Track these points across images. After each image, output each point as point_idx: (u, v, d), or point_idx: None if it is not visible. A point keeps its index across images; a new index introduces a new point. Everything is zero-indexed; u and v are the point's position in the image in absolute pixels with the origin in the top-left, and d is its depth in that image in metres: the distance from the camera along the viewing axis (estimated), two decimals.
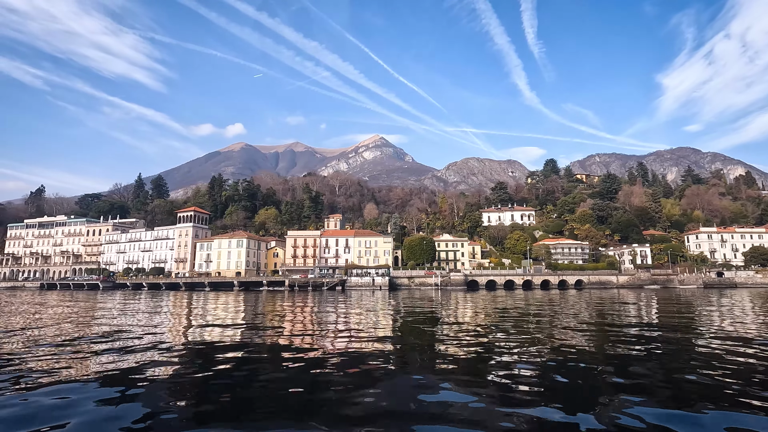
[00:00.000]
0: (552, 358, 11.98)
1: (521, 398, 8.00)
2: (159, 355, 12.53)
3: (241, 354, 13.20)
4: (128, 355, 12.45)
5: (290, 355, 12.69)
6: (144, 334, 17.53)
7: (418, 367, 11.13)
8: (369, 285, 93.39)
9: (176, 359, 12.12)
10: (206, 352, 13.59)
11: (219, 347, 14.46)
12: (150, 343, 14.80)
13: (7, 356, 12.11)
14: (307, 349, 13.79)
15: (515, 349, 13.55)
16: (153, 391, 8.58)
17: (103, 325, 20.70)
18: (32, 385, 8.80)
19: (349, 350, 13.65)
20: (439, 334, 17.66)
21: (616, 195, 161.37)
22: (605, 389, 8.80)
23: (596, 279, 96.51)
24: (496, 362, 11.64)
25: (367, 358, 12.10)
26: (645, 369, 10.59)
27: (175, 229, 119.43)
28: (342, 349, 13.72)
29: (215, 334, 18.12)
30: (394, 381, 9.57)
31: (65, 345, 14.32)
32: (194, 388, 8.97)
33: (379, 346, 14.66)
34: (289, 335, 17.50)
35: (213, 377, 9.95)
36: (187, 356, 12.65)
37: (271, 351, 13.72)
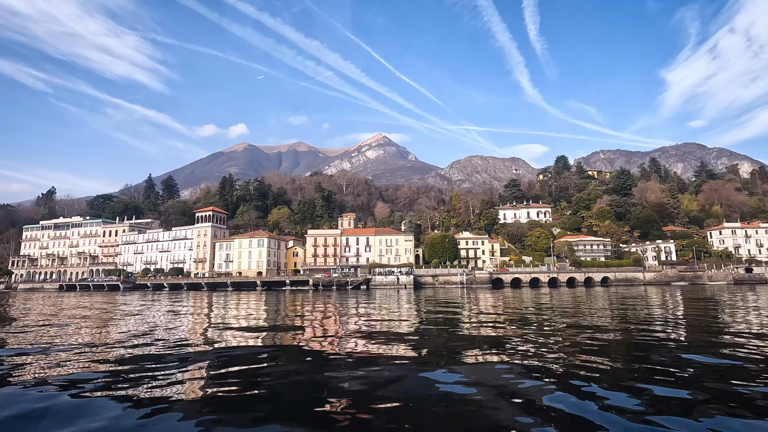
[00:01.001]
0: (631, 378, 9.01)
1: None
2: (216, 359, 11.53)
3: (290, 357, 12.05)
4: (186, 361, 11.40)
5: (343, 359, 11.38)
6: (195, 335, 16.79)
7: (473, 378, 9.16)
8: (393, 284, 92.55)
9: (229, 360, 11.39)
10: (251, 355, 12.34)
11: (268, 351, 13.16)
12: (203, 344, 14.18)
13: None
14: (368, 356, 12.05)
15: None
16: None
17: (158, 329, 18.74)
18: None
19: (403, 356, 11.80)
20: (492, 339, 15.06)
21: (630, 191, 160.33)
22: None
23: (622, 276, 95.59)
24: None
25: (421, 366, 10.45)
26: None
27: (193, 229, 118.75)
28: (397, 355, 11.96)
29: (264, 336, 16.52)
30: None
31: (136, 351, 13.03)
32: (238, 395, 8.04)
33: (428, 353, 12.58)
34: (337, 339, 15.24)
35: (255, 385, 8.67)
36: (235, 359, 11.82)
37: (326, 355, 12.27)
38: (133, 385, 8.28)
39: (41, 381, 8.67)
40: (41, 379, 8.80)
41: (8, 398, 7.48)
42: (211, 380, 8.96)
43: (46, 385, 8.28)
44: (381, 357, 11.37)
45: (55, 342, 14.55)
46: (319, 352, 12.60)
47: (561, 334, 15.79)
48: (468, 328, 18.00)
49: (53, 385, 8.29)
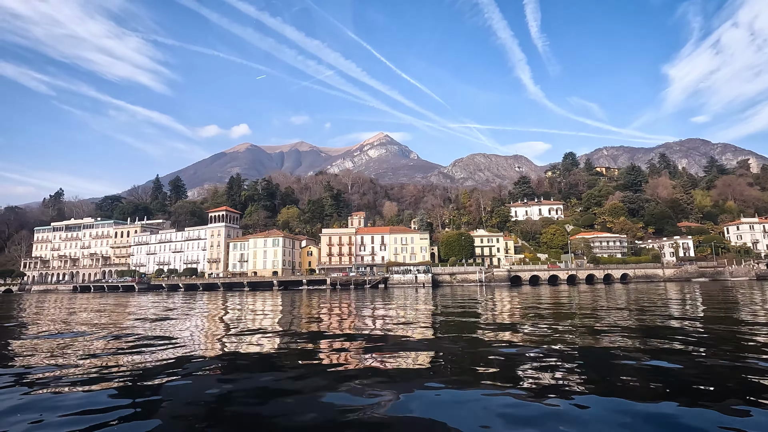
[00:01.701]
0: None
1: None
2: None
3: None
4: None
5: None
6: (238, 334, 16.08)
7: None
8: (411, 282, 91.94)
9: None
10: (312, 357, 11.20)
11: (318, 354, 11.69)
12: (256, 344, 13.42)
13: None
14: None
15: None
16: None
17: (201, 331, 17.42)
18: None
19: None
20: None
21: (641, 187, 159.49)
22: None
23: (642, 272, 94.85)
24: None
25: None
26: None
27: (206, 229, 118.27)
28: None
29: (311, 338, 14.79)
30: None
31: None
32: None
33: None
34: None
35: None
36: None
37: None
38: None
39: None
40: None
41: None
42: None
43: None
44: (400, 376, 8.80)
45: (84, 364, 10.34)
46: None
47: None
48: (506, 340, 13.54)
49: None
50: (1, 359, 11.13)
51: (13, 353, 12.23)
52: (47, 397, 7.19)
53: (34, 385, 8.05)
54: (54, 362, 10.28)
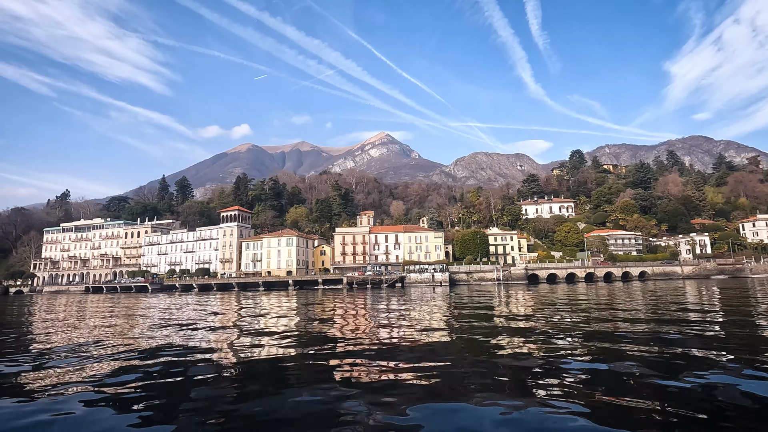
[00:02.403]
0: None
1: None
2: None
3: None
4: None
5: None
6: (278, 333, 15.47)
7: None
8: (428, 281, 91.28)
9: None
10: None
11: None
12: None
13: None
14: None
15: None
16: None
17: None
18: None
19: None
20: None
21: (650, 184, 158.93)
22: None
23: (660, 270, 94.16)
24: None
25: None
26: None
27: (218, 229, 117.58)
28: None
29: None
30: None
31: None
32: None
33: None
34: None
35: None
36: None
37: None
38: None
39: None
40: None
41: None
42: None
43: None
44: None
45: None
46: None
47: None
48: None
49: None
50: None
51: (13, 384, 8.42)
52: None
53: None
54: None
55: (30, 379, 8.70)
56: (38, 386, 8.00)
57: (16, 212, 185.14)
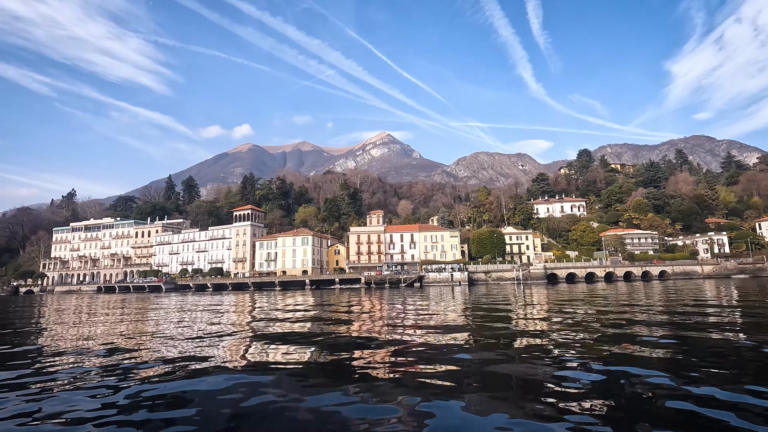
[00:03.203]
0: None
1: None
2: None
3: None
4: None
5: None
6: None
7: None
8: (447, 281, 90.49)
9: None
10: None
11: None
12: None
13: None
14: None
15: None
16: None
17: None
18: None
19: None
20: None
21: (660, 184, 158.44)
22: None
23: (680, 269, 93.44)
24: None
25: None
26: None
27: (231, 228, 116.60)
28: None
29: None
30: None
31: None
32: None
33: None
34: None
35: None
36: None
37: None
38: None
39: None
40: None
41: None
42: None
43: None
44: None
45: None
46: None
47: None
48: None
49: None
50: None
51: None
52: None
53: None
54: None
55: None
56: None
57: (22, 212, 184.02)
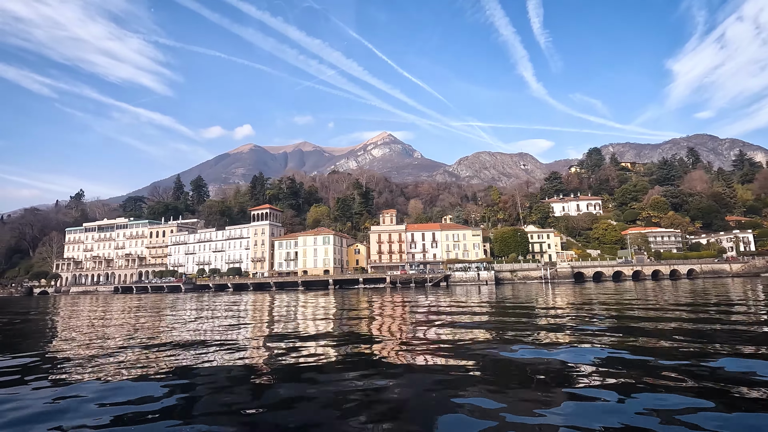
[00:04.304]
0: None
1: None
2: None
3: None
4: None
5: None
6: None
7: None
8: (474, 280, 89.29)
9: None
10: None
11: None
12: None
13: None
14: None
15: None
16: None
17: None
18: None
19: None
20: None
21: (674, 182, 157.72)
22: None
23: (708, 268, 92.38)
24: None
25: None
26: None
27: (250, 227, 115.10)
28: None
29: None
30: None
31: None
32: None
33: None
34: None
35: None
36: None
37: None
38: None
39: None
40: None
41: None
42: None
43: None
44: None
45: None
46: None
47: None
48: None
49: None
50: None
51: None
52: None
53: None
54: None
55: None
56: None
57: (29, 212, 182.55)
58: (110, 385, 7.76)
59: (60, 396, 7.08)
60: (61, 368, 9.63)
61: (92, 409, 6.30)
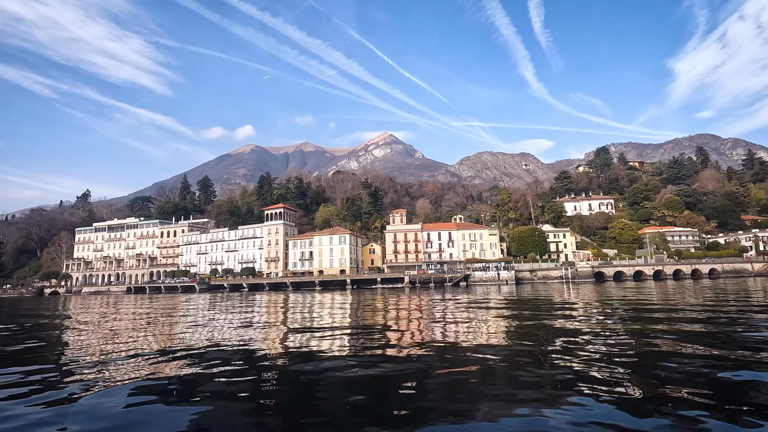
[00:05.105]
0: None
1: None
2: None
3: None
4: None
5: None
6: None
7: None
8: (494, 280, 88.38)
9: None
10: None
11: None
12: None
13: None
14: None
15: None
16: None
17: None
18: None
19: None
20: None
21: (685, 181, 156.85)
22: None
23: (730, 267, 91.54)
24: None
25: None
26: None
27: (263, 227, 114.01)
28: None
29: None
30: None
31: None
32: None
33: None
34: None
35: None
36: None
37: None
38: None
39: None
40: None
41: None
42: None
43: None
44: None
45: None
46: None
47: None
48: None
49: None
50: None
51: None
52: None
53: None
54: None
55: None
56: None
57: (36, 213, 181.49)
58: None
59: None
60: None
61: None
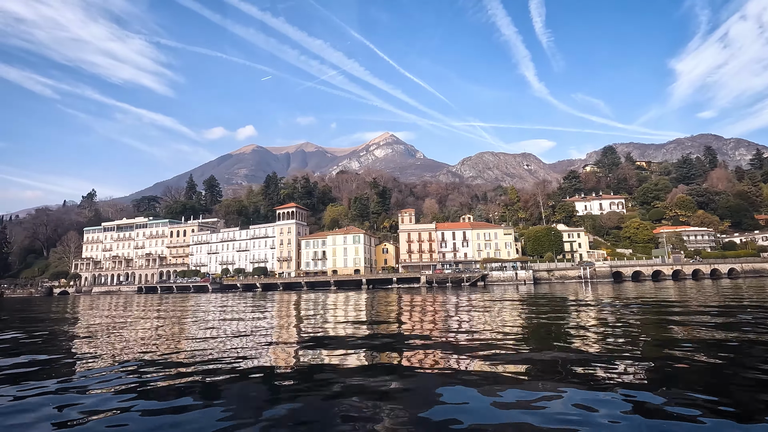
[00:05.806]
0: None
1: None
2: None
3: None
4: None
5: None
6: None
7: None
8: (512, 279, 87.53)
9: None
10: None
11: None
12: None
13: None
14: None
15: None
16: None
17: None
18: None
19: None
20: None
21: (695, 180, 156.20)
22: None
23: (750, 267, 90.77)
24: None
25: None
26: None
27: (275, 226, 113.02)
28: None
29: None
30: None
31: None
32: None
33: None
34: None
35: None
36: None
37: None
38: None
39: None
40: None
41: None
42: None
43: None
44: None
45: None
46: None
47: None
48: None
49: None
50: None
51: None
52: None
53: None
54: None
55: None
56: None
57: (42, 212, 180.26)
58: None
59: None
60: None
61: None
